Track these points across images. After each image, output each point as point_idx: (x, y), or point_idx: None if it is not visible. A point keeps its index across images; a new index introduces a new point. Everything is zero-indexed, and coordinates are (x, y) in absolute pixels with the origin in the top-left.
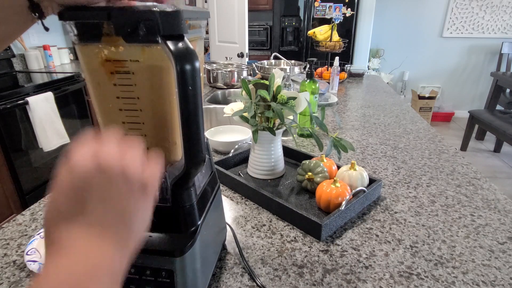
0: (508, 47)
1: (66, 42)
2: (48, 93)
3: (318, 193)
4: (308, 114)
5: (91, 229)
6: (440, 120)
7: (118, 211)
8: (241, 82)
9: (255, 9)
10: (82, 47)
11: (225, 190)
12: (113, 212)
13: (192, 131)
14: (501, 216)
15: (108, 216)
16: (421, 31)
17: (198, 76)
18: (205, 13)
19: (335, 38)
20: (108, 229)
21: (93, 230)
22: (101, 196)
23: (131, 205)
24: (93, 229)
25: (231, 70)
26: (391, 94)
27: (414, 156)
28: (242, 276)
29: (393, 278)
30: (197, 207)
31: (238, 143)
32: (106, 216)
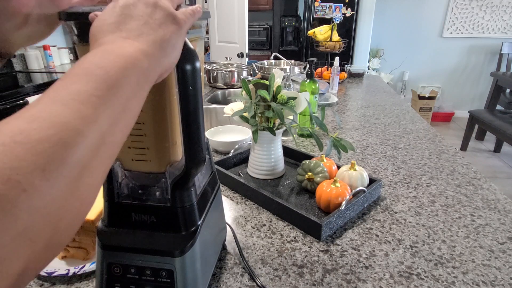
0: (508, 47)
1: (66, 42)
2: None
3: (318, 193)
4: (308, 114)
5: (130, 37)
6: (440, 120)
7: (153, 30)
8: (241, 82)
9: (255, 9)
10: (82, 47)
11: (225, 190)
12: (149, 30)
13: (192, 131)
14: (501, 216)
15: (144, 30)
16: (421, 31)
17: (199, 76)
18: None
19: (335, 38)
20: (143, 40)
21: (131, 38)
22: (139, 17)
23: (163, 28)
24: (131, 37)
25: (231, 70)
26: (391, 94)
27: (414, 156)
28: (242, 276)
29: (393, 278)
30: (197, 207)
31: (238, 143)
32: (142, 30)
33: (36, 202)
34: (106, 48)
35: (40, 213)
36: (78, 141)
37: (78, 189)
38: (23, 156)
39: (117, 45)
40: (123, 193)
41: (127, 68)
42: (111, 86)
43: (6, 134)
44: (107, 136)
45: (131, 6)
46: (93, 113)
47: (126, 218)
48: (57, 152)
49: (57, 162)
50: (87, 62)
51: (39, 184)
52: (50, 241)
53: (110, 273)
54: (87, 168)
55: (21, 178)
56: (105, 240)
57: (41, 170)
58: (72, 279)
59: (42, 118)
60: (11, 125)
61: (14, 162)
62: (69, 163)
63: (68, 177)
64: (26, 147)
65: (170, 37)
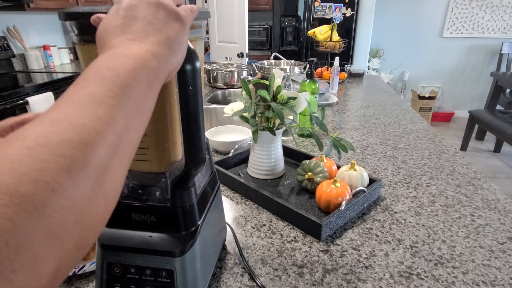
0: (508, 47)
1: (66, 42)
2: (48, 93)
3: (318, 193)
4: (308, 114)
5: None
6: (440, 120)
7: (158, 30)
8: (241, 82)
9: (255, 9)
10: (82, 47)
11: (225, 190)
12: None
13: (192, 131)
14: (501, 216)
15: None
16: (421, 31)
17: (199, 76)
18: (205, 13)
19: (335, 38)
20: (150, 41)
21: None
22: (144, 17)
23: (168, 28)
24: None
25: (231, 70)
26: (391, 94)
27: (414, 156)
28: (242, 276)
29: (393, 278)
30: (197, 207)
31: (238, 143)
32: (148, 31)
33: (64, 201)
34: (114, 51)
35: (69, 212)
36: (97, 142)
37: (101, 188)
38: (48, 157)
39: (125, 48)
40: (123, 193)
41: (137, 69)
42: (123, 87)
43: (30, 138)
44: (123, 136)
45: (134, 7)
46: (109, 114)
47: (126, 218)
48: (79, 153)
49: (80, 162)
50: (97, 66)
51: (66, 184)
52: (79, 240)
53: (110, 273)
54: (108, 167)
55: (49, 179)
56: (105, 240)
57: (66, 171)
58: (72, 279)
59: (62, 120)
60: (34, 129)
61: (41, 163)
62: (91, 163)
63: (92, 177)
64: (50, 149)
65: (176, 35)
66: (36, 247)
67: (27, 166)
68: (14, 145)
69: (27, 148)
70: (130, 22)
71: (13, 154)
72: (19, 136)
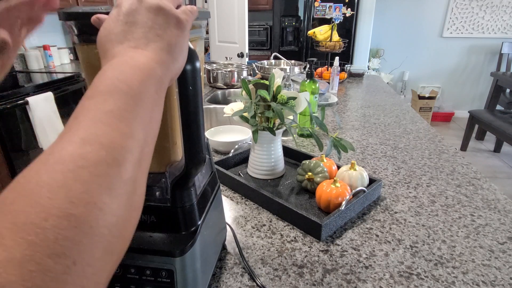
0: (508, 47)
1: (66, 42)
2: (48, 93)
3: (318, 193)
4: (308, 114)
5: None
6: (440, 120)
7: (160, 36)
8: (241, 82)
9: (255, 9)
10: (82, 47)
11: (225, 190)
12: (155, 36)
13: (192, 131)
14: (501, 216)
15: (151, 38)
16: (421, 31)
17: (199, 76)
18: (205, 13)
19: (335, 38)
20: (153, 48)
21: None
22: (144, 23)
23: (168, 33)
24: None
25: (231, 70)
26: (391, 94)
27: (414, 156)
28: (242, 276)
29: (393, 278)
30: (197, 207)
31: (238, 143)
32: (150, 38)
33: (110, 218)
34: (120, 61)
35: (115, 228)
36: (126, 158)
37: (134, 201)
38: (90, 179)
39: (129, 57)
40: None
41: (145, 80)
42: (137, 100)
43: (69, 160)
44: (144, 148)
45: (134, 12)
46: (130, 129)
47: None
48: (114, 171)
49: (117, 180)
50: (108, 78)
51: (110, 202)
52: (121, 251)
53: None
54: (137, 180)
55: (95, 199)
56: None
57: (107, 189)
58: None
59: (92, 140)
60: (68, 151)
61: (86, 185)
62: (125, 179)
63: (127, 192)
64: (89, 170)
65: (176, 41)
66: (96, 263)
67: (75, 190)
68: (56, 169)
69: (69, 171)
70: (131, 28)
71: (59, 179)
72: (57, 159)
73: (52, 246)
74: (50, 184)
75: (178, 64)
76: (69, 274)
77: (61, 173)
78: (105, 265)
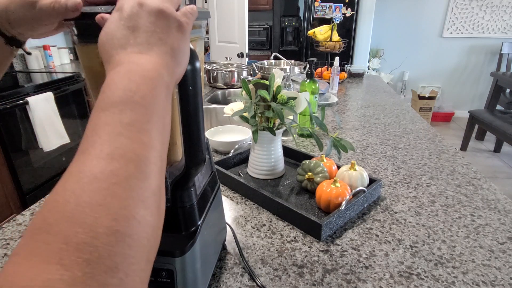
0: (508, 47)
1: (66, 42)
2: (48, 93)
3: (318, 193)
4: (308, 114)
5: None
6: (440, 120)
7: (162, 40)
8: (241, 82)
9: (255, 9)
10: (82, 47)
11: (225, 190)
12: (158, 40)
13: (192, 131)
14: (501, 216)
15: (154, 42)
16: (421, 31)
17: (199, 76)
18: (205, 13)
19: (335, 38)
20: (156, 52)
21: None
22: (146, 28)
23: (170, 37)
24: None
25: (231, 70)
26: (391, 94)
27: (414, 156)
28: (242, 276)
29: (393, 278)
30: (197, 207)
31: (238, 143)
32: (153, 42)
33: (148, 229)
34: (127, 68)
35: (152, 237)
36: (152, 169)
37: (161, 208)
38: (125, 194)
39: (135, 63)
40: None
41: (156, 87)
42: (151, 109)
43: (103, 178)
44: (162, 155)
45: (136, 16)
46: (150, 139)
47: None
48: (145, 184)
49: (148, 191)
50: (120, 89)
51: (145, 214)
52: (153, 258)
53: None
54: (161, 188)
55: (134, 213)
56: None
57: (141, 202)
58: None
59: (118, 155)
60: (98, 168)
61: (123, 202)
62: (154, 189)
63: (157, 201)
64: (122, 186)
65: (179, 44)
66: (142, 273)
67: (114, 207)
68: (92, 188)
69: (104, 189)
70: (133, 33)
71: (98, 198)
72: (90, 178)
73: (107, 262)
74: (91, 204)
75: (181, 68)
76: (123, 286)
77: (98, 191)
78: (148, 272)
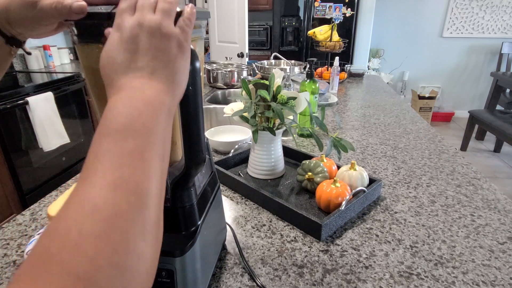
0: (508, 47)
1: (66, 42)
2: (48, 93)
3: (318, 193)
4: (308, 114)
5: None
6: (440, 120)
7: (163, 63)
8: (241, 82)
9: (255, 9)
10: (82, 47)
11: (225, 190)
12: (159, 63)
13: (192, 131)
14: (501, 216)
15: (155, 66)
16: (421, 31)
17: (198, 76)
18: (205, 13)
19: (335, 38)
20: (158, 77)
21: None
22: (147, 51)
23: (172, 59)
24: (146, 76)
25: (231, 70)
26: (391, 94)
27: (414, 156)
28: (242, 276)
29: (393, 278)
30: (197, 207)
31: (238, 143)
32: (154, 66)
33: (146, 263)
34: (129, 94)
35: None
36: (152, 200)
37: (158, 240)
38: (126, 226)
39: (137, 89)
40: None
41: (157, 113)
42: (153, 137)
43: (104, 209)
44: (162, 183)
45: (136, 39)
46: (150, 167)
47: None
48: (145, 215)
49: (147, 222)
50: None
51: (144, 246)
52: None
53: None
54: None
55: (134, 246)
56: None
57: (141, 233)
58: None
59: (120, 185)
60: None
61: (123, 234)
62: (153, 220)
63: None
64: (124, 218)
65: (179, 65)
66: None
67: (115, 239)
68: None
69: (106, 220)
70: (134, 56)
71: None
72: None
73: None
74: (92, 234)
75: (182, 88)
76: None
77: (99, 222)
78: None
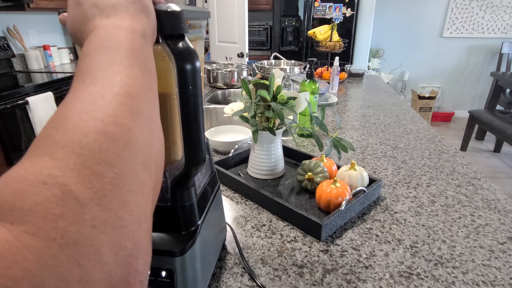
0: (508, 47)
1: (66, 42)
2: (48, 93)
3: (318, 193)
4: (308, 114)
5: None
6: (440, 120)
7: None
8: (241, 82)
9: (255, 9)
10: None
11: (225, 190)
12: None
13: (192, 131)
14: (501, 216)
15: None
16: (421, 31)
17: (199, 76)
18: (205, 13)
19: (335, 38)
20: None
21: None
22: None
23: None
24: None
25: (231, 70)
26: (391, 94)
27: (414, 156)
28: (242, 276)
29: (393, 278)
30: (197, 207)
31: (238, 143)
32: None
33: (140, 138)
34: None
35: (146, 146)
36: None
37: (153, 131)
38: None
39: (104, 24)
40: None
41: (129, 34)
42: (128, 51)
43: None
44: (153, 89)
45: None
46: (132, 72)
47: None
48: (132, 102)
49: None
50: (97, 40)
51: (135, 126)
52: (157, 176)
53: None
54: (152, 116)
55: (123, 121)
56: None
57: (131, 116)
58: None
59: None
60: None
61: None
62: (143, 112)
63: (147, 123)
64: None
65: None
66: (140, 174)
67: (103, 114)
68: (89, 91)
69: (101, 97)
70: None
71: (83, 107)
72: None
73: (99, 155)
74: (79, 114)
75: (151, 17)
76: (121, 180)
77: (93, 97)
78: (147, 179)
